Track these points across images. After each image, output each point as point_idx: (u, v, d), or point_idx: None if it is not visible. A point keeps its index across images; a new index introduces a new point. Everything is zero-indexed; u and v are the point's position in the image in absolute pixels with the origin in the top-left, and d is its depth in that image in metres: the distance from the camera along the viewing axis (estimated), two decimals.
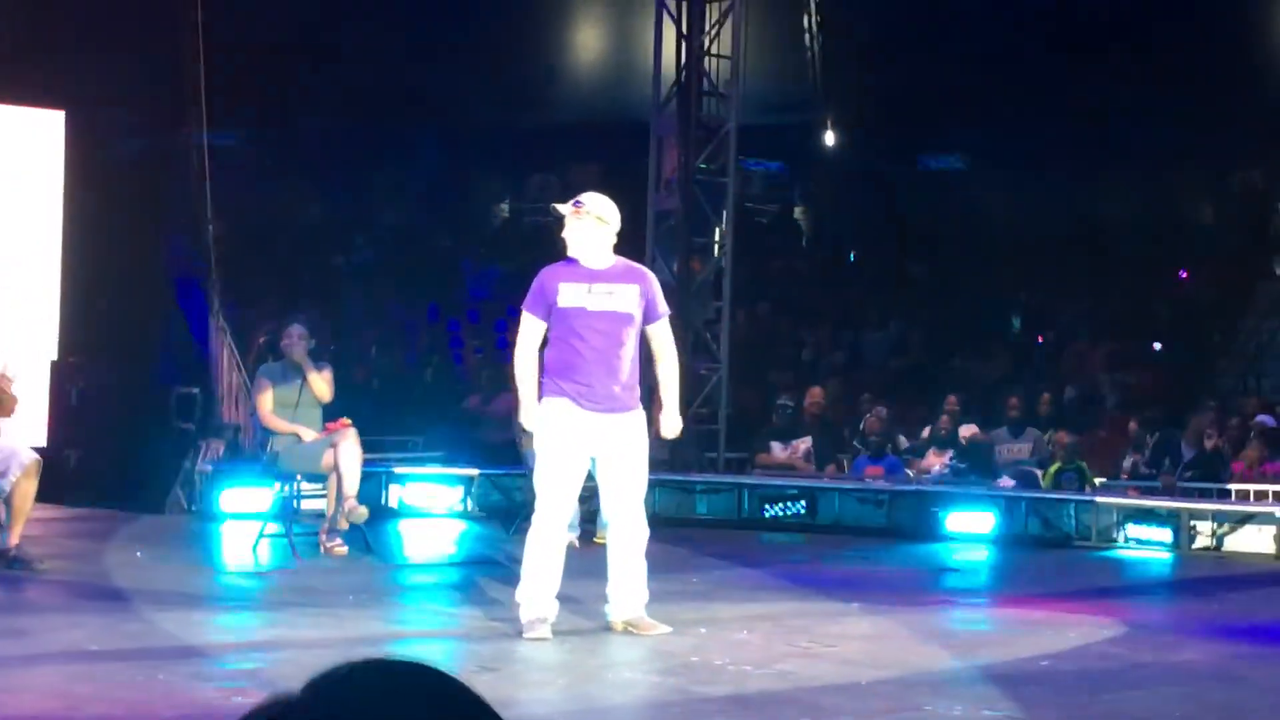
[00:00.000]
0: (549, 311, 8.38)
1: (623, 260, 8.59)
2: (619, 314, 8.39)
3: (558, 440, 8.32)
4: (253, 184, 21.63)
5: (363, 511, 11.52)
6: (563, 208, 8.57)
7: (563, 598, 8.49)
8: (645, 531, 8.60)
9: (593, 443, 8.35)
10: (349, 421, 11.92)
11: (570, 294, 8.36)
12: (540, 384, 8.44)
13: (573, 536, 11.03)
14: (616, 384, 8.35)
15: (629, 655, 8.16)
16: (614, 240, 8.52)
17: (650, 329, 8.55)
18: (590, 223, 8.44)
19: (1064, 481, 15.31)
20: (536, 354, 8.49)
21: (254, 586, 10.46)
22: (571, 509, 8.80)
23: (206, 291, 15.54)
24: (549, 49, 25.92)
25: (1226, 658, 8.47)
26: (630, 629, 8.50)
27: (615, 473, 8.44)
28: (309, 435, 11.75)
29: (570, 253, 8.48)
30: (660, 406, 8.70)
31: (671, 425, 8.69)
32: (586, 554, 10.87)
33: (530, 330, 8.47)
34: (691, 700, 7.16)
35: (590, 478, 8.57)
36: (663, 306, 8.63)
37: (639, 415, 8.50)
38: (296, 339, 11.96)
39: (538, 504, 8.42)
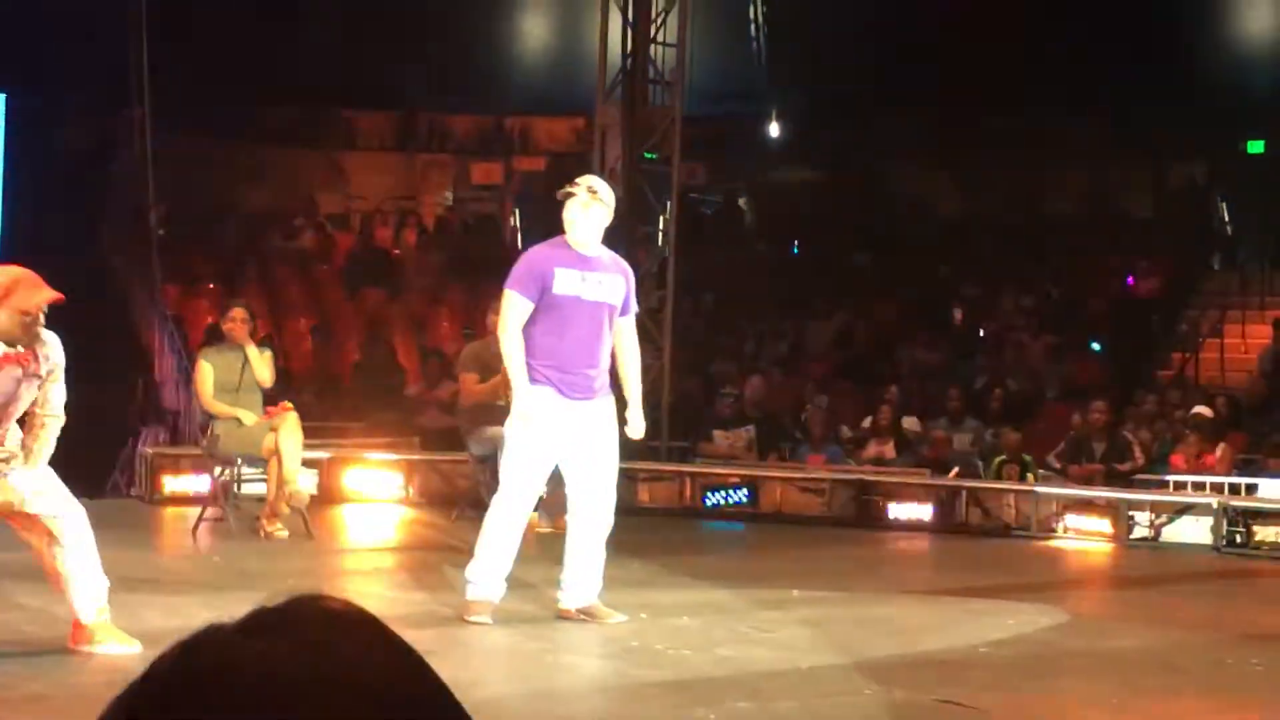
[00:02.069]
0: (541, 294, 8.24)
1: (608, 250, 8.55)
2: (608, 304, 8.36)
3: (536, 427, 8.23)
4: (196, 170, 21.50)
5: (304, 495, 11.51)
6: (576, 189, 8.41)
7: (507, 581, 8.47)
8: (612, 520, 8.56)
9: (569, 431, 8.28)
10: (290, 405, 11.90)
11: (566, 280, 8.26)
12: None
13: (534, 518, 10.95)
14: (597, 371, 8.34)
15: (570, 639, 8.16)
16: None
17: (621, 322, 8.51)
18: (600, 210, 8.39)
19: (1007, 472, 15.40)
20: (522, 335, 8.31)
21: (193, 570, 10.40)
22: (537, 495, 8.72)
23: (148, 276, 15.45)
24: (495, 37, 25.87)
25: (1161, 646, 8.54)
26: (584, 616, 8.48)
27: (590, 460, 8.38)
28: (249, 419, 11.70)
29: (572, 235, 8.35)
30: (626, 404, 8.64)
31: (638, 426, 8.63)
32: (537, 539, 10.85)
33: (519, 310, 8.25)
34: (631, 684, 7.18)
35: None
36: (635, 302, 8.64)
37: (611, 402, 8.47)
38: (239, 321, 11.90)
39: (506, 486, 8.31)
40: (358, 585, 9.91)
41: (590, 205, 8.34)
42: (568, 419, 8.24)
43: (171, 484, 13.89)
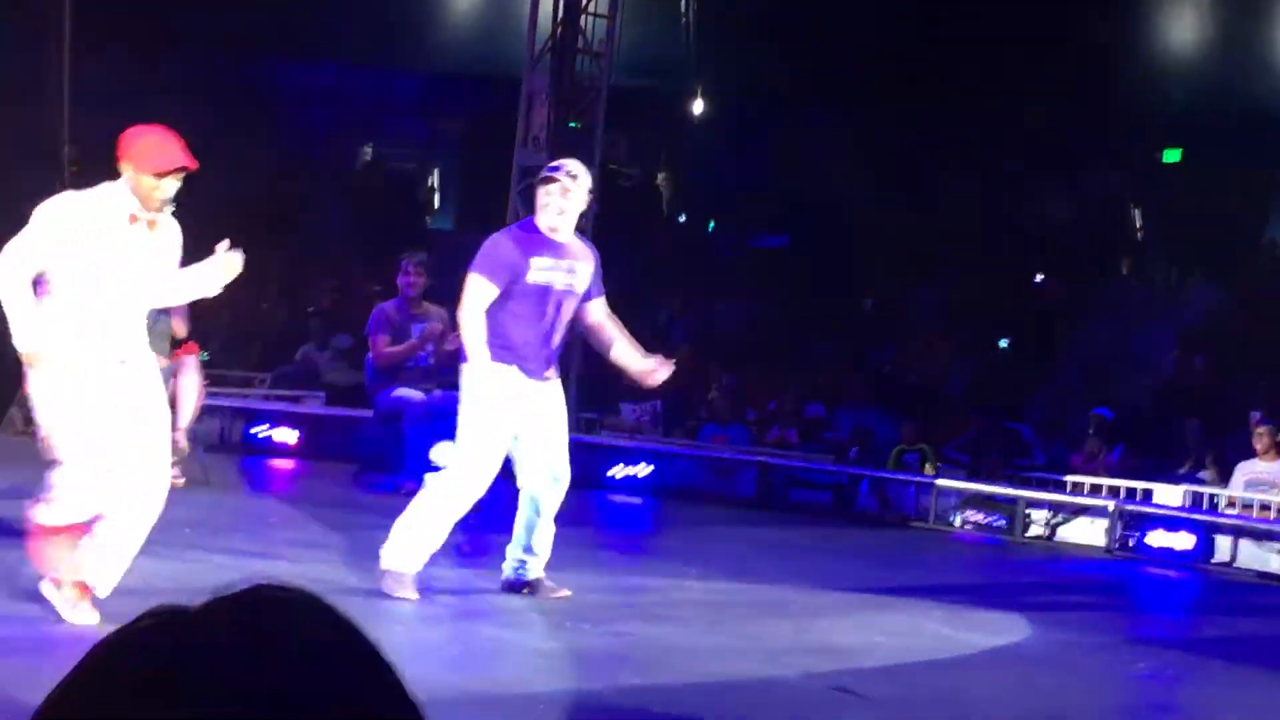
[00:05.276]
0: (511, 281, 8.06)
1: (577, 237, 8.39)
2: (574, 293, 8.26)
3: (499, 407, 8.03)
4: (112, 113, 21.19)
5: (184, 447, 11.25)
6: (557, 176, 8.16)
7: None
8: (562, 497, 8.44)
9: (527, 411, 8.14)
10: (195, 348, 11.72)
11: (541, 270, 8.10)
12: None
13: None
14: (551, 355, 8.25)
15: (469, 609, 8.13)
16: None
17: (596, 304, 8.43)
18: (580, 197, 8.21)
19: (907, 463, 15.51)
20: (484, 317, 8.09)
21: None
22: (489, 481, 8.20)
23: None
24: None
25: (1057, 645, 8.62)
26: (528, 590, 8.37)
27: (548, 439, 8.23)
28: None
29: (547, 222, 8.13)
30: (643, 358, 8.58)
31: (658, 365, 8.58)
32: None
33: (483, 295, 8.04)
34: (529, 655, 7.17)
35: None
36: (602, 284, 8.51)
37: (559, 384, 8.39)
38: None
39: (462, 465, 8.04)
40: (253, 536, 9.81)
41: (570, 192, 8.14)
42: (526, 398, 8.11)
43: None
